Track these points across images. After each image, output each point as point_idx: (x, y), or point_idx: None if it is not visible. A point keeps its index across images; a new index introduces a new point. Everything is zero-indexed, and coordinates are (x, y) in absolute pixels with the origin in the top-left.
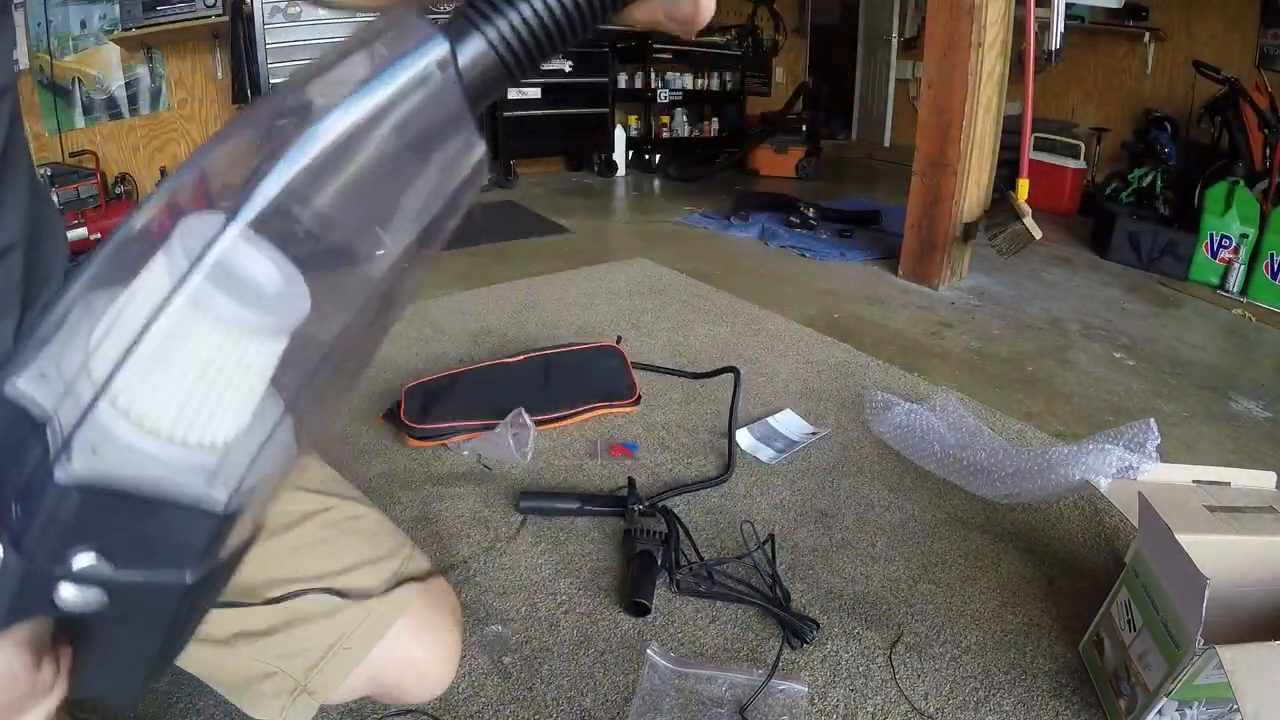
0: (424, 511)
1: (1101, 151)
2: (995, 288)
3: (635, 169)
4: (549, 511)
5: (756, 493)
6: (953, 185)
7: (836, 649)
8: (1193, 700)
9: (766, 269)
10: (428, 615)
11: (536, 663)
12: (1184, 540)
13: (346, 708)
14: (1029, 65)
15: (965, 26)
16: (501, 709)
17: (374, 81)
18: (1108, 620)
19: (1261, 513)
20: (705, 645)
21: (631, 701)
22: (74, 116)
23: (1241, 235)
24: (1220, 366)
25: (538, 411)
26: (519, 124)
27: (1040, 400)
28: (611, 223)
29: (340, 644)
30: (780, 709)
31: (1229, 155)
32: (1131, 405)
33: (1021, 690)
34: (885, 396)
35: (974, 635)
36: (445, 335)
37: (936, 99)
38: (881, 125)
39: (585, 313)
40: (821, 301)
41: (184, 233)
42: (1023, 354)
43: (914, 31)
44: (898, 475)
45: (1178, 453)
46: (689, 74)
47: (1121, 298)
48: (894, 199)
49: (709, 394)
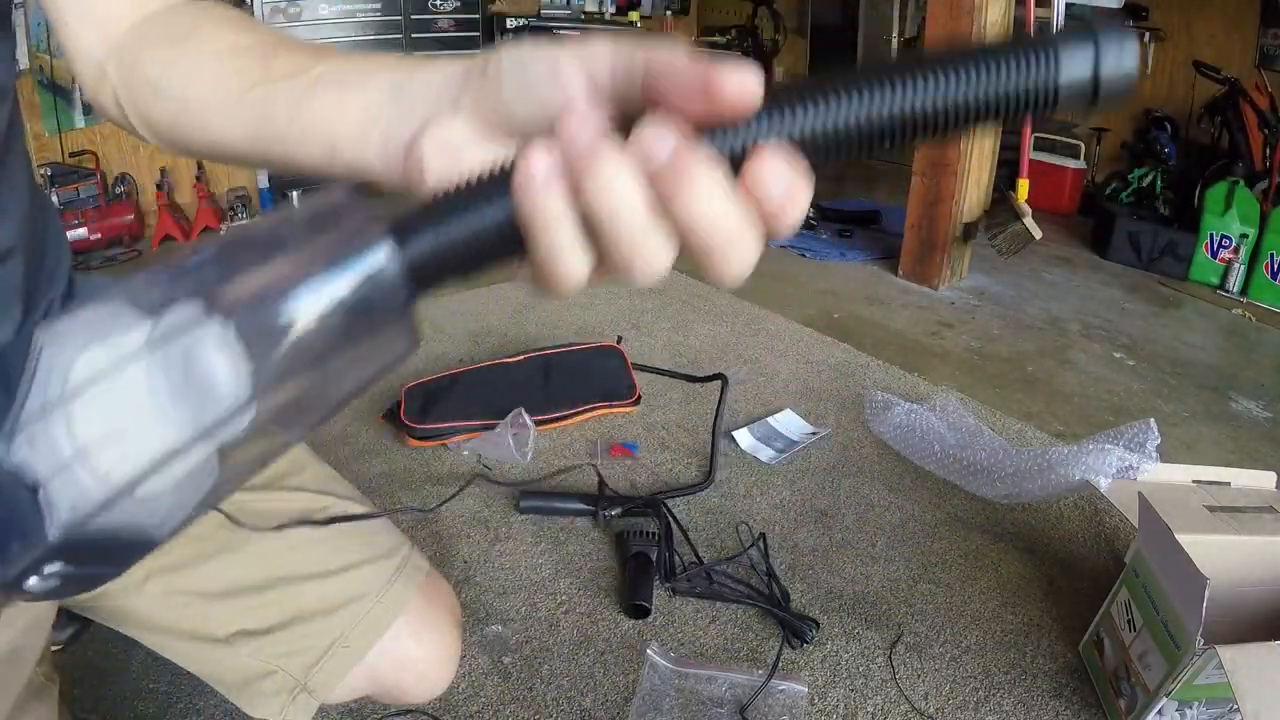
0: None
1: (1101, 151)
2: (995, 288)
3: None
4: (549, 511)
5: (756, 493)
6: (953, 185)
7: (836, 649)
8: (1193, 700)
9: (766, 269)
10: (427, 614)
11: (536, 663)
12: (1184, 540)
13: (346, 708)
14: None
15: (965, 26)
16: (501, 709)
17: (329, 270)
18: (1108, 620)
19: (1261, 513)
20: (705, 645)
21: (631, 701)
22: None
23: (1241, 235)
24: (1220, 366)
25: (538, 411)
26: None
27: (1040, 400)
28: None
29: (339, 642)
30: (780, 709)
31: (1229, 155)
32: (1131, 405)
33: (1021, 690)
34: (885, 396)
35: (974, 635)
36: (445, 335)
37: None
38: None
39: (585, 313)
40: (821, 301)
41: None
42: (1023, 354)
43: (914, 31)
44: (898, 475)
45: (1178, 453)
46: None
47: (1121, 298)
48: (894, 199)
49: (709, 394)
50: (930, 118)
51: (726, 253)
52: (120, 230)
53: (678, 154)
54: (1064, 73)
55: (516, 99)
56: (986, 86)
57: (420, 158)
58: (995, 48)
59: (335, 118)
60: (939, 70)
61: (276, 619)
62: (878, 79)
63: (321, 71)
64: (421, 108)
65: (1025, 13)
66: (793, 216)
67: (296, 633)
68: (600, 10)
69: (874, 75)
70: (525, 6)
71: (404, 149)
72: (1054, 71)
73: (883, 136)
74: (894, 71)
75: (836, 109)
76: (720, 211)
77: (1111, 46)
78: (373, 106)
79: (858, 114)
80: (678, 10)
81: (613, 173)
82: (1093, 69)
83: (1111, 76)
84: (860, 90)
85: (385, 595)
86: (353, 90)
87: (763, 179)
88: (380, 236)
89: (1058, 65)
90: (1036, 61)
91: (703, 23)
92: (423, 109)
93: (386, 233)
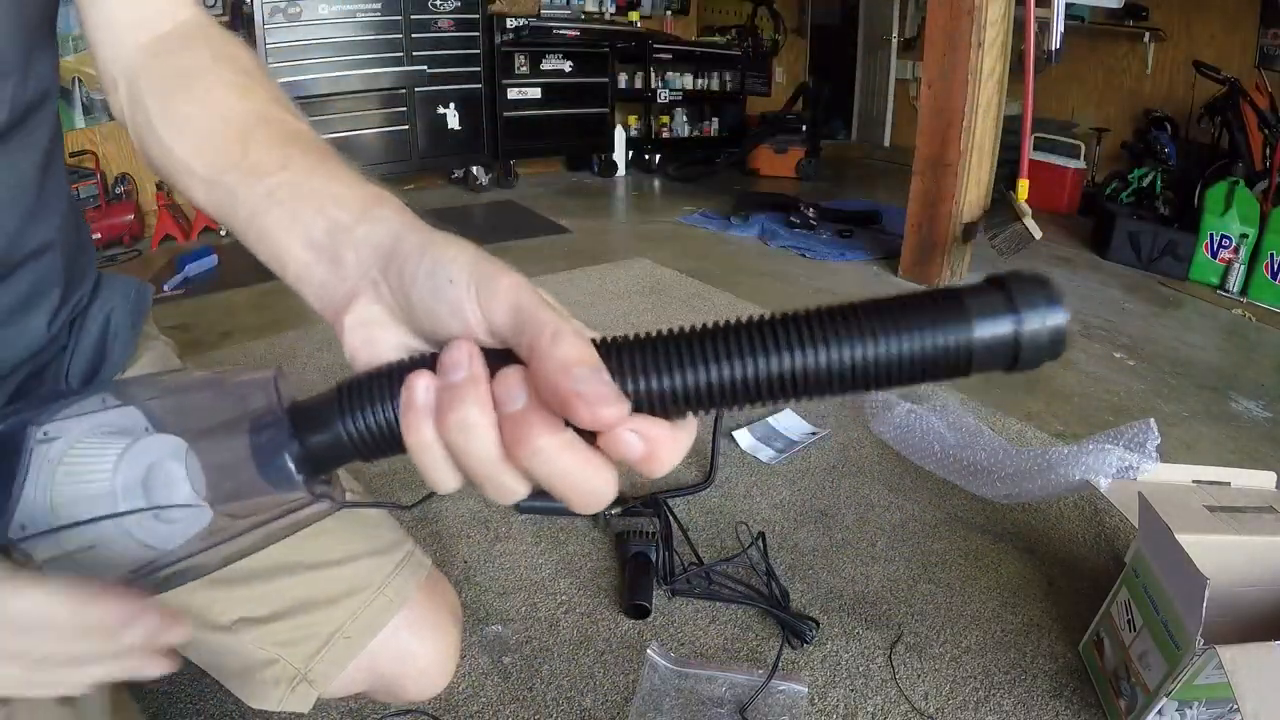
0: (424, 511)
1: (1101, 151)
2: None
3: (635, 169)
4: (549, 511)
5: (756, 493)
6: (953, 185)
7: (836, 649)
8: (1193, 700)
9: (766, 269)
10: (427, 611)
11: (536, 663)
12: (1184, 540)
13: (347, 707)
14: (1029, 65)
15: (965, 26)
16: (501, 709)
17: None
18: (1108, 620)
19: (1261, 513)
20: (705, 645)
21: (631, 701)
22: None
23: (1241, 235)
24: (1220, 366)
25: None
26: (519, 124)
27: (1040, 400)
28: (612, 223)
29: (340, 633)
30: (780, 709)
31: (1229, 155)
32: (1131, 405)
33: (1021, 690)
34: (885, 396)
35: (974, 635)
36: None
37: (936, 99)
38: (881, 125)
39: (585, 313)
40: (821, 301)
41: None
42: None
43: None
44: (898, 475)
45: (1178, 453)
46: (689, 74)
47: (1121, 298)
48: (894, 199)
49: None
50: (818, 381)
51: (570, 496)
52: (120, 230)
53: (526, 411)
54: (978, 340)
55: (422, 310)
56: (885, 351)
57: (342, 327)
58: (907, 311)
59: (283, 244)
60: (827, 331)
61: (279, 606)
62: (763, 341)
63: (280, 183)
64: (351, 276)
65: (1025, 13)
66: (662, 466)
67: (298, 621)
68: (600, 10)
69: (760, 337)
70: (525, 6)
71: (333, 309)
72: (966, 341)
73: (769, 396)
74: (779, 332)
75: (719, 371)
76: (561, 466)
77: (1034, 314)
78: (311, 252)
79: (742, 378)
80: (678, 10)
81: (471, 417)
82: (1012, 338)
83: (1032, 347)
84: (748, 356)
85: (387, 589)
86: (301, 223)
87: (617, 444)
88: (284, 428)
89: (970, 334)
90: (949, 328)
91: (702, 22)
92: (352, 277)
93: (289, 425)
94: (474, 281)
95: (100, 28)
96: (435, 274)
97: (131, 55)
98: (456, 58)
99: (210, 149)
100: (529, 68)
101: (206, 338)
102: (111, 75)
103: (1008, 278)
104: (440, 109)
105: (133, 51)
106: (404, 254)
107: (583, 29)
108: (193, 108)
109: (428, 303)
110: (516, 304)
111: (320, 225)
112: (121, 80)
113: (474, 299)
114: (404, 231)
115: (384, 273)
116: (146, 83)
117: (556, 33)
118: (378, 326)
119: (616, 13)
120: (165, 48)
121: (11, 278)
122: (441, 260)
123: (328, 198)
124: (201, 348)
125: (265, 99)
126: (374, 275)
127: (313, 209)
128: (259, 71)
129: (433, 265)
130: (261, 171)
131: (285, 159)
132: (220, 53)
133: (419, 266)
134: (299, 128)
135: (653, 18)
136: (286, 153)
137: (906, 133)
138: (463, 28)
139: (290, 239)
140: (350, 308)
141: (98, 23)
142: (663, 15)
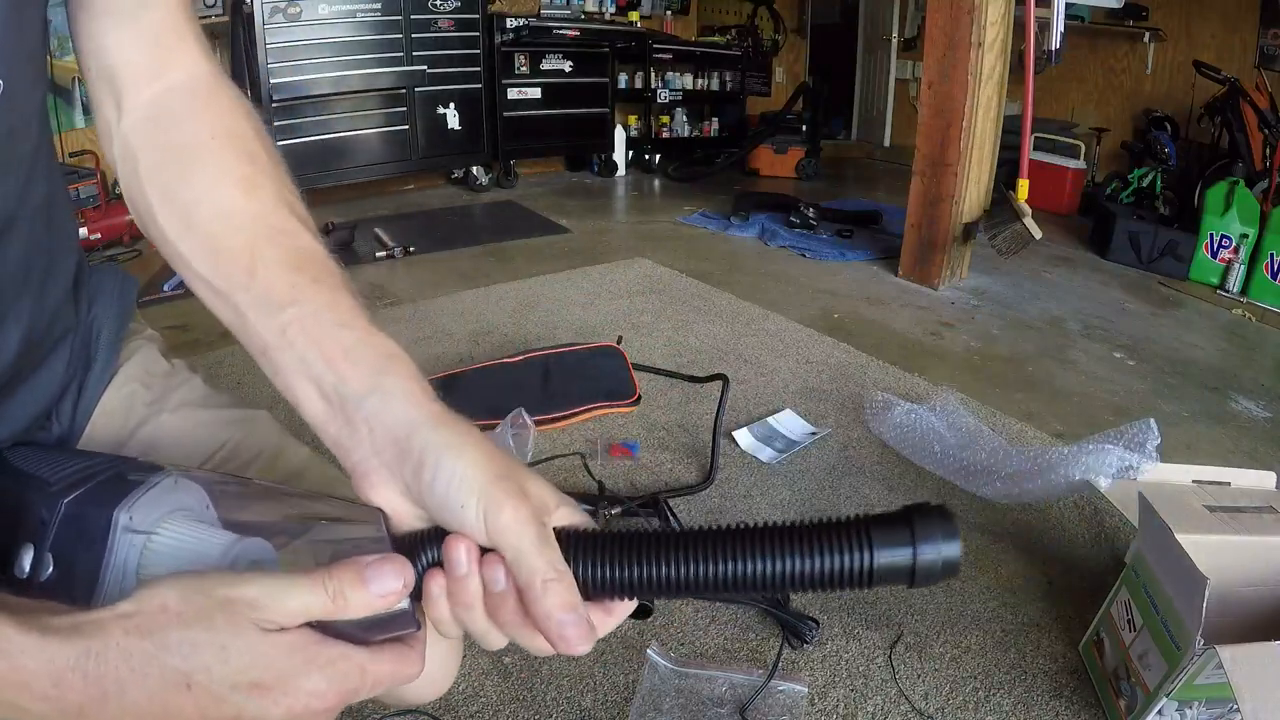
0: None
1: (1101, 151)
2: (995, 288)
3: (635, 169)
4: None
5: (756, 493)
6: (953, 185)
7: (836, 649)
8: (1193, 700)
9: (766, 269)
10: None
11: (536, 663)
12: (1184, 540)
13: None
14: (1029, 65)
15: (965, 26)
16: (501, 709)
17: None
18: (1108, 620)
19: (1261, 513)
20: (705, 645)
21: (631, 701)
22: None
23: (1241, 235)
24: (1220, 366)
25: (538, 411)
26: (519, 124)
27: (1040, 400)
28: (611, 223)
29: None
30: (780, 709)
31: (1229, 155)
32: (1131, 405)
33: (1021, 690)
34: (885, 396)
35: (974, 635)
36: (445, 335)
37: (936, 99)
38: (881, 125)
39: (585, 313)
40: (821, 301)
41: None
42: (1023, 354)
43: (914, 31)
44: (898, 475)
45: (1178, 453)
46: (689, 74)
47: (1121, 298)
48: (894, 199)
49: (710, 394)
50: (750, 585)
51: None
52: (120, 230)
53: (505, 593)
54: (879, 566)
55: (433, 509)
56: (803, 567)
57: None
58: (825, 536)
59: (297, 387)
60: (762, 548)
61: None
62: (709, 549)
63: (291, 320)
64: (365, 450)
65: (1025, 13)
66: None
67: None
68: (600, 10)
69: (707, 545)
70: (525, 6)
71: (347, 467)
72: (869, 565)
73: (699, 593)
74: (722, 542)
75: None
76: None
77: (930, 547)
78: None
79: (683, 578)
80: (677, 10)
81: (468, 597)
82: (909, 566)
83: (925, 574)
84: (693, 562)
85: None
86: (313, 372)
87: (561, 640)
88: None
89: (872, 558)
90: (856, 555)
91: (702, 22)
92: (366, 453)
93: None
94: (483, 510)
95: (100, 79)
96: (449, 497)
97: (131, 111)
98: (456, 58)
99: (214, 257)
100: (529, 68)
101: (205, 338)
102: (107, 121)
103: (914, 513)
104: (440, 109)
105: (134, 106)
106: (417, 456)
107: (582, 29)
108: (193, 194)
109: (440, 513)
110: (518, 546)
111: (330, 380)
112: (118, 140)
113: (481, 525)
114: (416, 424)
115: (398, 466)
116: (145, 159)
117: (556, 33)
118: (398, 504)
119: (616, 13)
120: (165, 112)
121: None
122: (454, 480)
123: (338, 351)
124: (200, 348)
125: (271, 198)
126: (389, 461)
127: (324, 361)
128: (263, 153)
129: (446, 486)
130: (272, 302)
131: (295, 290)
132: (220, 127)
133: (434, 478)
134: (307, 246)
135: (652, 18)
136: (295, 281)
137: (906, 133)
138: (463, 28)
139: (304, 385)
140: (370, 481)
141: (99, 73)
142: (663, 15)
